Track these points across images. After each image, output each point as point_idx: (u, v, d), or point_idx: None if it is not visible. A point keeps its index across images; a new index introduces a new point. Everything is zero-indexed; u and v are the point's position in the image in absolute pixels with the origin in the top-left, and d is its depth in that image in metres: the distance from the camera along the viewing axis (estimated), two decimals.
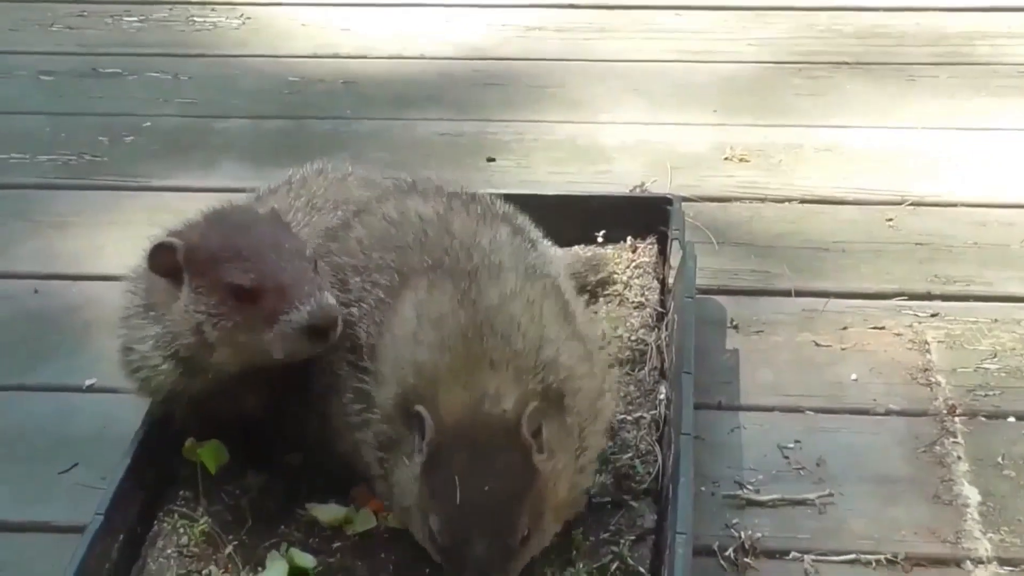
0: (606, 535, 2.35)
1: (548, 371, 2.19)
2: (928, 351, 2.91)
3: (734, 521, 2.50)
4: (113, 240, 3.40)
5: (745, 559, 2.42)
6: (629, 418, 2.58)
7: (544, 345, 2.21)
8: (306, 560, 2.29)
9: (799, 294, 3.11)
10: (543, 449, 2.12)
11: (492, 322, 2.19)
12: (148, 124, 4.01)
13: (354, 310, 2.32)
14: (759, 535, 2.46)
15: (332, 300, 2.25)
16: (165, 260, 2.30)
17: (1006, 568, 2.38)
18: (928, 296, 3.09)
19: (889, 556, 2.41)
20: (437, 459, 2.10)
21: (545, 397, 2.16)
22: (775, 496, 2.55)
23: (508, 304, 2.23)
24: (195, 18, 4.63)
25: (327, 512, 2.39)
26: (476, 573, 2.07)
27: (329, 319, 2.23)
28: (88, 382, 2.91)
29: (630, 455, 2.50)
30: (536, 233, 2.60)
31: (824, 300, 3.08)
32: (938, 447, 2.65)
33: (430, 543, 2.15)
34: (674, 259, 2.93)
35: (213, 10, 4.67)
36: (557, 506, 2.18)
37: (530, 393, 2.14)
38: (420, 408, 2.11)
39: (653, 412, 2.62)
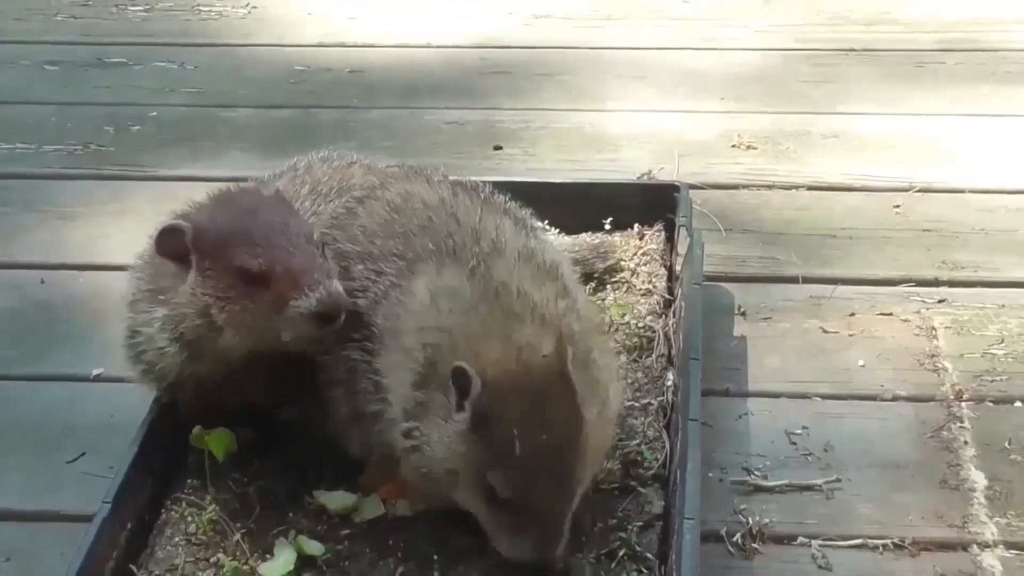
0: (614, 521, 2.35)
1: (571, 319, 2.22)
2: (935, 337, 2.91)
3: (742, 507, 2.50)
4: (119, 230, 3.40)
5: (753, 544, 2.42)
6: (637, 405, 2.58)
7: (561, 296, 2.24)
8: (314, 547, 2.29)
9: (807, 281, 3.11)
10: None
11: (508, 285, 2.21)
12: (154, 114, 4.02)
13: (360, 300, 2.32)
14: (767, 521, 2.46)
15: (340, 287, 2.25)
16: (173, 243, 2.31)
17: (1012, 552, 2.38)
18: (935, 282, 3.09)
19: (896, 541, 2.41)
20: (487, 413, 2.09)
21: (572, 343, 2.16)
22: (783, 482, 2.54)
23: (517, 272, 2.25)
24: (201, 7, 4.63)
25: (335, 500, 2.39)
26: (548, 520, 2.10)
27: (337, 306, 2.23)
28: (95, 372, 2.91)
29: (637, 441, 2.50)
30: (537, 224, 2.59)
31: (832, 287, 3.08)
32: (945, 432, 2.65)
33: (485, 502, 2.14)
34: (681, 246, 2.93)
35: None
36: (591, 458, 2.20)
37: (564, 338, 2.14)
38: (461, 363, 2.09)
39: (661, 399, 2.62)
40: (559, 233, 3.02)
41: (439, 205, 2.41)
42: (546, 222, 2.83)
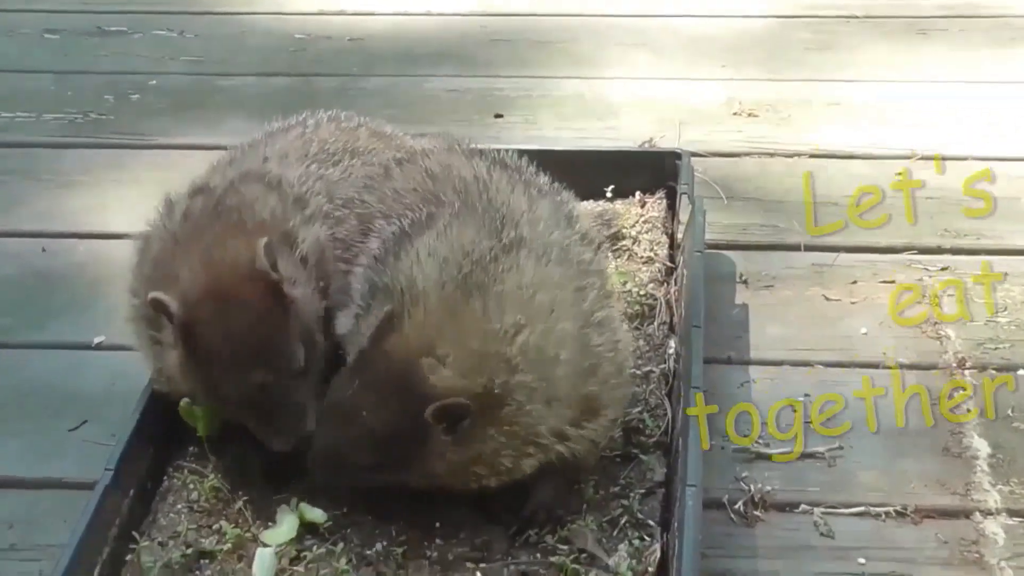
0: (616, 488, 2.35)
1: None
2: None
3: (744, 474, 2.49)
4: (120, 198, 3.40)
5: (755, 512, 2.42)
6: (639, 372, 2.58)
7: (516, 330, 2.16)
8: (316, 515, 2.29)
9: (808, 248, 3.10)
10: None
11: (484, 287, 2.17)
12: (154, 82, 4.01)
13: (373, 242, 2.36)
14: (769, 488, 2.45)
15: (313, 423, 2.25)
16: (164, 312, 2.26)
17: (1015, 519, 2.38)
18: (938, 250, 3.08)
19: (899, 508, 2.40)
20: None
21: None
22: (785, 450, 2.54)
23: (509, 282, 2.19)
24: None
25: (314, 513, 2.34)
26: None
27: (291, 449, 2.27)
28: (97, 340, 2.90)
29: (640, 409, 2.50)
30: (575, 209, 2.55)
31: (834, 254, 3.07)
32: (947, 400, 2.64)
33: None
34: (683, 214, 2.92)
35: None
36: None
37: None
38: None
39: (662, 366, 2.62)
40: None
41: (474, 182, 2.40)
42: None
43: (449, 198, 2.35)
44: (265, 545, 2.24)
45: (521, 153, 2.63)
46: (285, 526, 2.28)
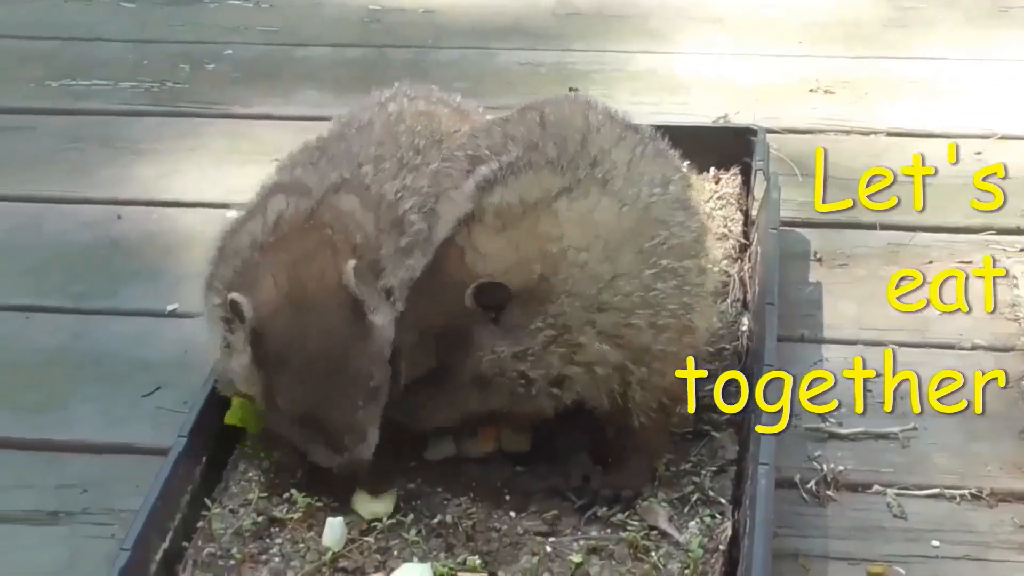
0: (687, 466, 2.34)
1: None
2: (1016, 286, 2.86)
3: (816, 454, 2.48)
4: (193, 166, 3.42)
5: (827, 492, 2.40)
6: (711, 349, 2.56)
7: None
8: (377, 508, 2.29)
9: (884, 227, 3.06)
10: None
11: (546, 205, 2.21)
12: (229, 52, 4.02)
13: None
14: (841, 468, 2.43)
15: (368, 451, 2.22)
16: (240, 315, 2.23)
17: None
18: (1017, 231, 3.04)
19: (974, 491, 2.38)
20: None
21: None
22: (858, 429, 2.52)
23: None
24: None
25: (368, 507, 2.30)
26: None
27: (352, 470, 2.23)
28: (170, 307, 2.92)
29: (711, 387, 2.48)
30: (684, 179, 2.52)
31: (910, 234, 3.04)
32: None
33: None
34: (758, 190, 2.90)
35: None
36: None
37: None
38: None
39: (735, 343, 2.60)
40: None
41: (577, 131, 2.39)
42: None
43: (547, 148, 2.35)
44: (336, 514, 2.25)
45: None
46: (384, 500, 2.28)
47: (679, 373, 2.26)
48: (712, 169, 3.08)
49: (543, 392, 2.18)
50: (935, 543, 2.30)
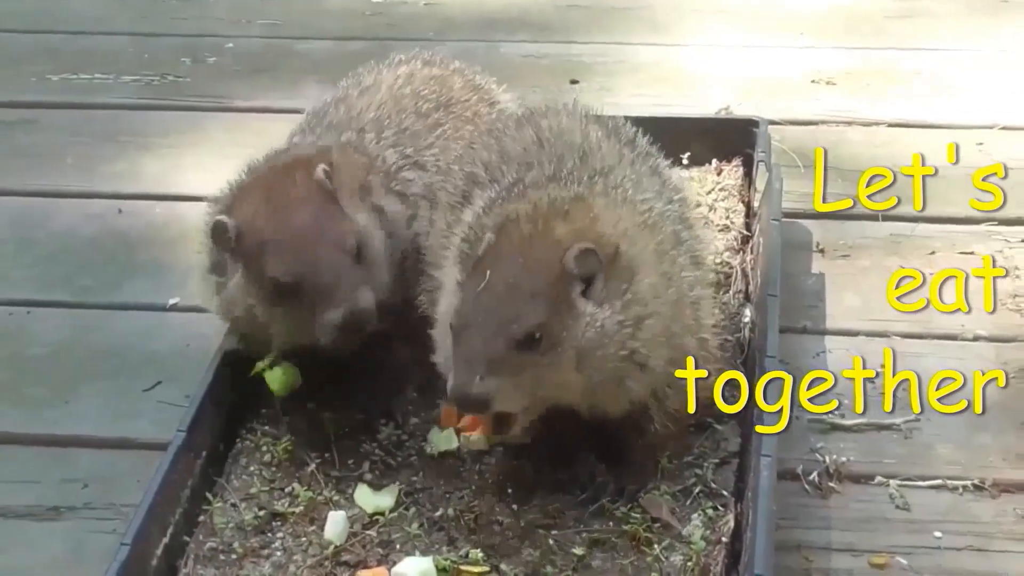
0: (690, 458, 2.34)
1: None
2: (1019, 276, 2.86)
3: (819, 445, 2.47)
4: (195, 160, 3.42)
5: (830, 483, 2.40)
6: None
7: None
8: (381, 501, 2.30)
9: (886, 218, 3.05)
10: None
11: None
12: (231, 45, 4.02)
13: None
14: (844, 459, 2.43)
15: (367, 301, 2.27)
16: (223, 237, 2.33)
17: None
18: (1019, 221, 3.03)
19: (976, 482, 2.38)
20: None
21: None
22: (860, 421, 2.51)
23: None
24: None
25: (371, 500, 2.31)
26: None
27: (361, 321, 2.26)
28: (172, 301, 2.92)
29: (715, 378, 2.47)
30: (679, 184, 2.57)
31: (912, 225, 3.03)
32: None
33: None
34: (760, 182, 2.89)
35: None
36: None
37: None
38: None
39: (738, 335, 2.60)
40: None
41: (577, 148, 2.40)
42: None
43: (545, 168, 2.35)
44: (338, 508, 2.25)
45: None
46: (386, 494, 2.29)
47: (679, 373, 2.25)
48: (714, 160, 3.08)
49: (613, 384, 2.17)
50: (938, 534, 2.30)
